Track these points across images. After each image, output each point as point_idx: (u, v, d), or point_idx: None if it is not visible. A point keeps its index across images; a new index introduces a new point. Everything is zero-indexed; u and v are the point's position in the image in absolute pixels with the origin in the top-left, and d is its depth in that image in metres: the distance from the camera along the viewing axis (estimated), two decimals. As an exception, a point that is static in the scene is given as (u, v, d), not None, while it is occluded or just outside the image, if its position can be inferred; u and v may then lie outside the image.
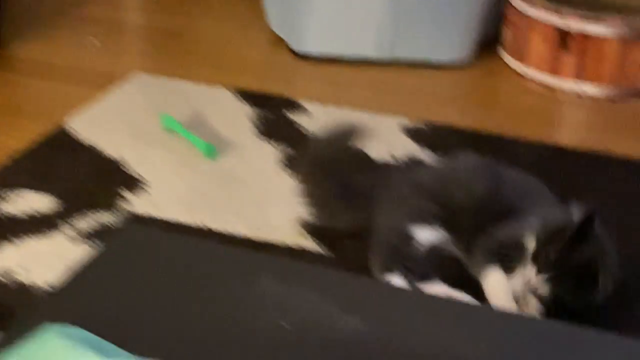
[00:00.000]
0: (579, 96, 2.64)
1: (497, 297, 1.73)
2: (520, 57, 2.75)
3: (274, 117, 2.49)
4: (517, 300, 1.68)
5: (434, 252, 1.85)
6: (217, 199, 2.13)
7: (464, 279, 1.82)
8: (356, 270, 1.89)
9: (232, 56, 2.88)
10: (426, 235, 1.85)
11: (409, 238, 1.84)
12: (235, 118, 2.49)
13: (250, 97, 2.59)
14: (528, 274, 1.68)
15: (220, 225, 2.03)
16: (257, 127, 2.44)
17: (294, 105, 2.55)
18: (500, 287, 1.73)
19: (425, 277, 1.80)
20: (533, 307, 1.67)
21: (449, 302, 1.12)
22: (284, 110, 2.52)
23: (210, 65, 2.79)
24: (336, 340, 0.90)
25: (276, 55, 2.88)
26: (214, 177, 2.22)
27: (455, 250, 1.87)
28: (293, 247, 1.97)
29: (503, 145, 2.40)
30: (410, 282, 1.79)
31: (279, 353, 0.89)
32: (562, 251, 1.65)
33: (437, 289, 1.79)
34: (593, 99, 2.64)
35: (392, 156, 2.33)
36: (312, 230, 2.02)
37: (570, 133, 2.62)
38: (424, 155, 2.34)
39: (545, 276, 1.66)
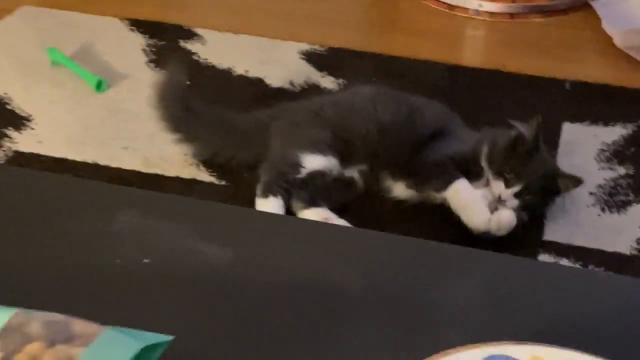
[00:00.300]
0: (478, 13, 2.60)
1: (468, 204, 1.75)
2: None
3: (168, 46, 2.39)
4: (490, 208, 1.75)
5: (321, 178, 1.82)
6: (107, 133, 2.04)
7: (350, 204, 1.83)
8: (254, 197, 1.85)
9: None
10: (314, 162, 1.82)
11: (296, 164, 1.81)
12: (127, 49, 2.38)
13: (143, 26, 2.47)
14: (496, 189, 1.77)
15: (110, 160, 1.94)
16: (150, 58, 2.34)
17: (189, 34, 2.45)
18: (469, 194, 1.76)
19: (311, 202, 1.78)
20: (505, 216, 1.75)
21: (320, 227, 1.06)
22: (179, 40, 2.42)
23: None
24: (200, 272, 0.84)
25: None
26: (104, 111, 2.12)
27: (349, 176, 1.85)
28: (186, 179, 1.90)
29: (404, 67, 2.35)
30: (290, 206, 1.78)
31: (139, 288, 0.82)
32: (524, 164, 1.76)
33: (317, 213, 1.76)
34: (492, 15, 2.60)
35: (291, 83, 2.26)
36: (208, 162, 1.94)
37: (469, 51, 2.58)
38: (324, 81, 2.27)
39: (515, 190, 1.76)
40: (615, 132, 2.10)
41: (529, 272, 0.88)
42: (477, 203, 1.75)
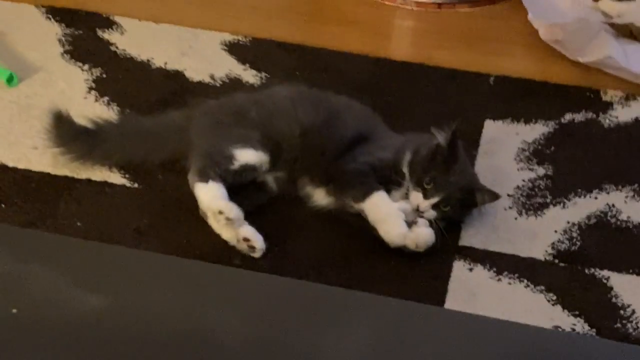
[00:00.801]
0: (405, 2, 2.56)
1: (385, 218, 1.72)
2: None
3: (85, 36, 2.31)
4: (407, 220, 1.73)
5: (250, 173, 1.80)
6: (16, 131, 1.97)
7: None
8: (168, 203, 1.80)
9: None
10: (247, 155, 1.79)
11: (229, 156, 1.78)
12: (41, 38, 2.29)
13: (60, 14, 2.38)
14: (415, 199, 1.74)
15: (18, 161, 1.88)
16: (66, 49, 2.26)
17: (108, 23, 2.37)
18: (386, 208, 1.74)
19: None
20: (422, 224, 1.74)
21: (202, 268, 1.03)
22: (97, 29, 2.34)
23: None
24: (72, 323, 0.80)
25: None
26: (15, 107, 2.04)
27: (261, 180, 1.82)
28: (98, 181, 1.84)
29: (329, 59, 2.30)
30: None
31: (4, 343, 0.77)
32: (444, 175, 1.75)
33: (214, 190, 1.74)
34: (419, 5, 2.56)
35: (211, 76, 2.20)
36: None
37: (396, 43, 2.54)
38: (246, 74, 2.22)
39: (433, 201, 1.74)
40: (536, 130, 2.09)
41: (421, 319, 0.86)
42: (394, 217, 1.72)
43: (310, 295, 0.88)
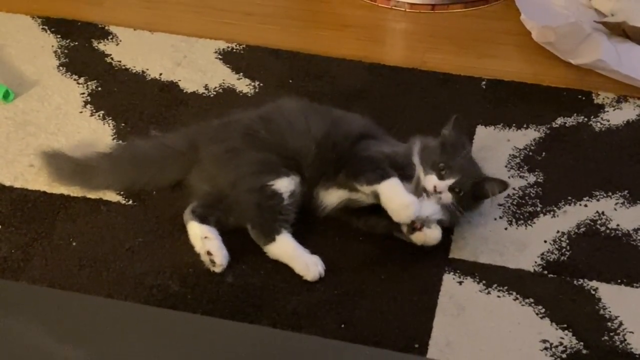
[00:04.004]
0: (399, 4, 2.57)
1: (398, 196, 1.74)
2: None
3: (80, 47, 2.33)
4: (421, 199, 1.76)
5: (294, 198, 1.79)
6: (12, 149, 1.99)
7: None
8: (162, 220, 1.83)
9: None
10: (285, 184, 1.78)
11: (273, 193, 1.76)
12: (37, 51, 2.31)
13: (55, 25, 2.40)
14: (430, 182, 1.78)
15: (14, 180, 1.90)
16: (62, 61, 2.28)
17: (103, 33, 2.38)
18: (400, 188, 1.76)
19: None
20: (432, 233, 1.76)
21: (185, 319, 1.05)
22: (92, 40, 2.36)
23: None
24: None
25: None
26: (10, 123, 2.07)
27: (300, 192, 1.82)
28: (93, 199, 1.87)
29: (323, 66, 2.31)
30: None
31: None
32: (455, 160, 1.79)
33: (287, 244, 1.74)
34: (413, 7, 2.57)
35: (206, 87, 2.22)
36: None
37: (390, 46, 2.55)
38: (240, 84, 2.23)
39: (449, 182, 1.78)
40: (527, 136, 2.10)
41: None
42: (407, 197, 1.74)
43: (288, 346, 0.91)
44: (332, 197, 1.83)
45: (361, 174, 1.79)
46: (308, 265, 1.72)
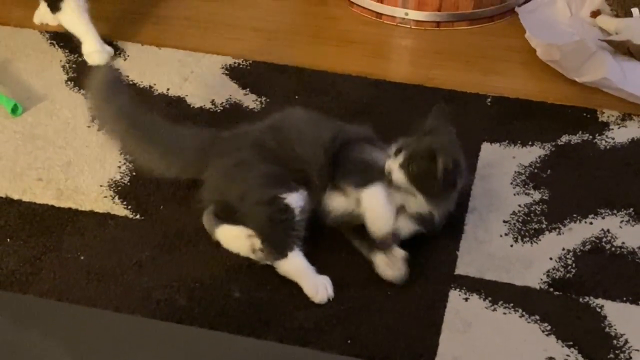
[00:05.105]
0: (404, 21, 2.59)
1: (376, 208, 1.76)
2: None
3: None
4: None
5: (305, 215, 1.78)
6: (21, 162, 2.00)
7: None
8: (169, 234, 1.83)
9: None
10: (295, 199, 1.77)
11: (286, 207, 1.76)
12: (46, 65, 2.33)
13: (64, 39, 2.42)
14: (387, 166, 1.79)
15: (23, 193, 1.92)
16: (70, 76, 2.29)
17: (111, 48, 2.41)
18: (382, 200, 1.77)
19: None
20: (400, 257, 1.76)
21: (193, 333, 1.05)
22: (100, 54, 2.38)
23: (24, 6, 2.59)
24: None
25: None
26: (19, 137, 2.08)
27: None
28: (101, 213, 1.88)
29: (328, 82, 2.33)
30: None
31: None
32: (411, 142, 1.81)
33: (298, 262, 1.74)
34: (418, 24, 2.59)
35: (212, 102, 2.23)
36: (123, 194, 1.93)
37: (395, 63, 2.57)
38: (246, 99, 2.25)
39: (398, 160, 1.78)
40: (532, 153, 2.11)
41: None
42: (385, 212, 1.75)
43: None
44: (335, 202, 1.83)
45: (349, 175, 1.80)
46: (317, 287, 1.72)
